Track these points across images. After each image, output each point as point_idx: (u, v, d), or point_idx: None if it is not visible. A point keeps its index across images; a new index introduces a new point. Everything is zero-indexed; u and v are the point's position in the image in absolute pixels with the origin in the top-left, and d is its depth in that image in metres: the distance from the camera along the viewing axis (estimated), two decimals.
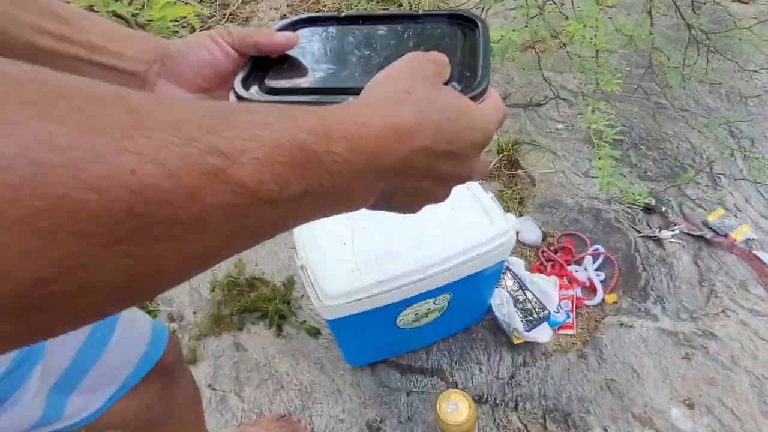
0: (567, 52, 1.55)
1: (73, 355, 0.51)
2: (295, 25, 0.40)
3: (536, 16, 1.42)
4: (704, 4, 1.90)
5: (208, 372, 1.13)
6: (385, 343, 1.02)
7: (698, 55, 1.60)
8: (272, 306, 1.21)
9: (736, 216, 1.23)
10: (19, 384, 0.44)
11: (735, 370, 0.98)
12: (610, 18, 2.10)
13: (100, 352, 0.53)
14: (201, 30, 2.19)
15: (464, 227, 0.86)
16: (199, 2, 2.44)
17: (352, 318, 0.83)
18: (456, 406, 0.76)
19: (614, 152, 1.10)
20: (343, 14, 0.40)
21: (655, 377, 0.99)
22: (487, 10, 1.54)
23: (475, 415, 0.80)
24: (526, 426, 0.95)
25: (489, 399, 1.00)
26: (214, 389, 1.10)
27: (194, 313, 1.25)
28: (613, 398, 0.97)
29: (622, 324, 1.09)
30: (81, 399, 0.52)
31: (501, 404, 0.99)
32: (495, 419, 0.97)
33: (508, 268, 1.18)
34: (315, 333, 1.15)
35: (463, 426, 0.76)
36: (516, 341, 1.07)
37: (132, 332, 0.58)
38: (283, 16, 2.47)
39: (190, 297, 1.29)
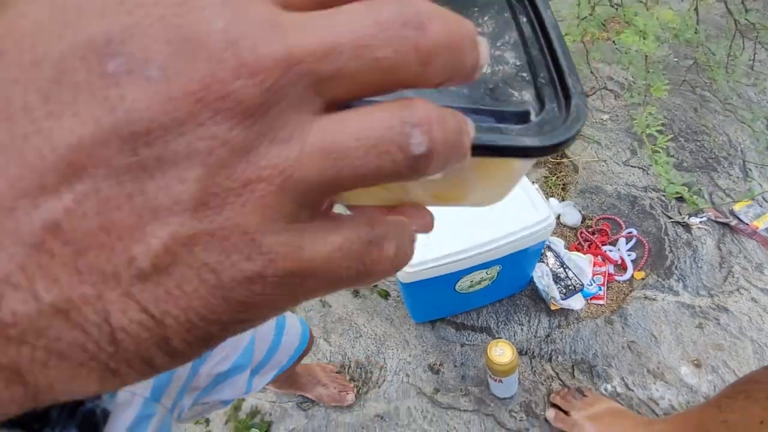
0: (616, 47, 1.67)
1: (266, 349, 0.77)
2: None
3: (587, 17, 1.55)
4: None
5: None
6: (444, 304, 1.28)
7: (744, 48, 1.68)
8: None
9: (761, 205, 1.37)
10: (239, 372, 0.70)
11: (741, 339, 1.17)
12: (665, 2, 2.16)
13: (278, 345, 0.80)
14: None
15: (512, 213, 1.08)
16: None
17: (422, 282, 1.08)
18: (502, 351, 1.01)
19: (662, 145, 1.27)
20: None
21: (670, 341, 1.19)
22: None
23: (517, 359, 1.04)
24: (557, 374, 1.19)
25: (528, 352, 1.24)
26: None
27: None
28: (632, 356, 1.18)
29: (646, 297, 1.28)
30: (260, 379, 0.77)
31: (537, 356, 1.22)
32: (532, 367, 1.21)
33: (549, 247, 1.38)
34: (385, 295, 1.42)
35: (507, 366, 1.00)
36: (553, 308, 1.29)
37: (293, 328, 0.84)
38: None
39: None
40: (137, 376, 0.11)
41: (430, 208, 0.20)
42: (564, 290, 1.29)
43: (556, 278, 1.32)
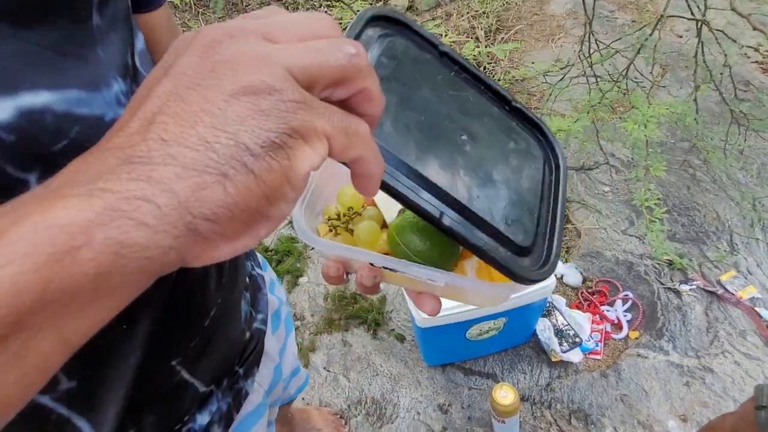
0: (623, 128, 1.88)
1: (290, 372, 0.85)
2: (372, 23, 0.30)
3: (597, 103, 1.77)
4: (746, 89, 2.16)
5: (323, 359, 1.57)
6: (455, 349, 1.42)
7: (738, 134, 1.88)
8: (370, 315, 1.64)
9: (746, 278, 1.52)
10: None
11: (725, 398, 1.28)
12: (662, 87, 2.39)
13: (298, 371, 0.89)
14: None
15: None
16: None
17: (436, 328, 1.24)
18: (506, 393, 1.14)
19: (658, 216, 1.44)
20: (444, 48, 0.34)
21: (659, 396, 1.31)
22: (556, 96, 1.92)
23: (519, 403, 1.17)
24: (555, 420, 1.31)
25: (529, 398, 1.36)
26: (328, 371, 1.54)
27: (312, 315, 1.71)
28: (624, 408, 1.30)
29: (639, 355, 1.41)
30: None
31: (538, 403, 1.35)
32: (533, 412, 1.33)
33: (552, 304, 1.53)
34: (401, 338, 1.57)
35: (510, 407, 1.13)
36: (554, 359, 1.43)
37: (303, 372, 0.93)
38: None
39: (308, 303, 1.75)
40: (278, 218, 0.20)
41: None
42: (564, 344, 1.43)
43: (558, 333, 1.46)
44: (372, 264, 0.37)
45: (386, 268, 0.37)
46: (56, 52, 0.31)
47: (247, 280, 0.60)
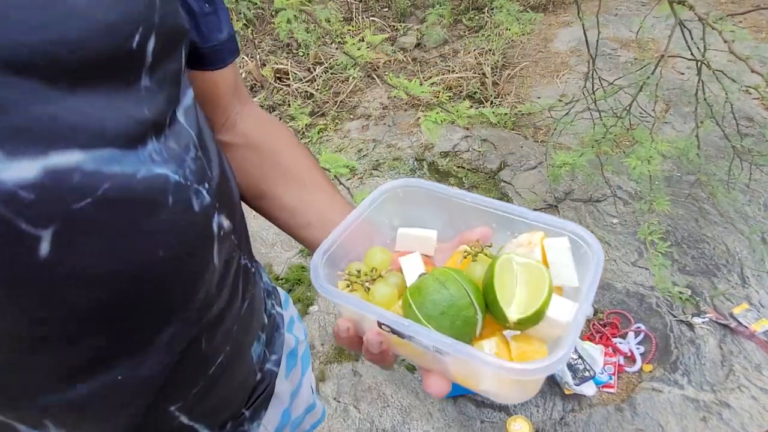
0: (627, 163, 1.91)
1: (304, 408, 0.81)
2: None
3: (602, 138, 1.81)
4: (750, 125, 2.20)
5: (333, 389, 1.56)
6: None
7: (742, 169, 1.91)
8: None
9: (758, 311, 1.51)
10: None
11: None
12: (666, 123, 2.44)
13: (314, 407, 0.84)
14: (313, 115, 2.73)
15: None
16: (316, 90, 3.08)
17: None
18: (521, 426, 1.13)
19: (661, 250, 1.45)
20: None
21: None
22: (561, 131, 1.97)
23: None
24: None
25: None
26: (338, 401, 1.52)
27: (322, 344, 1.71)
28: None
29: (654, 389, 1.39)
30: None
31: None
32: None
33: None
34: (412, 369, 1.56)
35: None
36: (567, 392, 1.41)
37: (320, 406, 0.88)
38: (384, 107, 3.02)
39: (319, 332, 1.75)
40: None
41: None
42: (577, 374, 1.41)
43: (570, 365, 1.45)
44: (379, 325, 0.37)
45: (393, 331, 0.37)
46: (100, 113, 0.32)
47: (266, 319, 0.60)
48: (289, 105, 2.86)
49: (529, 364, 0.34)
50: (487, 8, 3.31)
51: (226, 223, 0.45)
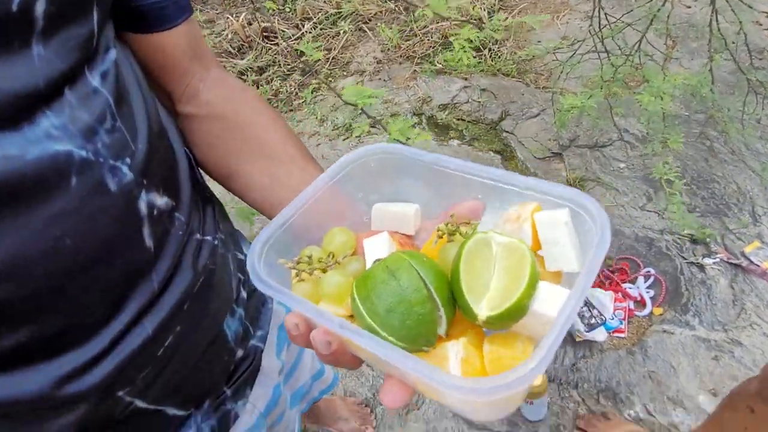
0: (638, 102, 1.84)
1: (310, 376, 0.81)
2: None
3: (610, 78, 1.73)
4: (761, 57, 2.11)
5: None
6: None
7: (756, 103, 1.83)
8: None
9: None
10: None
11: (754, 371, 1.26)
12: (674, 59, 2.35)
13: (322, 374, 0.84)
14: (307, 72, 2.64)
15: None
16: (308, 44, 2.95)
17: None
18: None
19: (678, 189, 1.41)
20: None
21: (688, 372, 1.29)
22: (567, 74, 1.89)
23: (546, 383, 1.16)
24: (583, 399, 1.30)
25: (556, 379, 1.35)
26: None
27: None
28: (652, 384, 1.29)
29: (665, 331, 1.39)
30: (298, 408, 0.80)
31: (565, 383, 1.34)
32: (560, 393, 1.32)
33: None
34: None
35: (538, 388, 1.12)
36: (578, 339, 1.41)
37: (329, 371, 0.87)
38: (378, 62, 2.90)
39: None
40: None
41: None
42: (587, 321, 1.41)
43: (581, 312, 1.44)
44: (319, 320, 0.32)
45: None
46: None
47: (243, 294, 0.56)
48: (279, 65, 2.75)
49: (483, 381, 0.26)
50: None
51: (161, 201, 0.40)
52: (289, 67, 2.75)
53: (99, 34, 0.36)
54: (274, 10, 3.06)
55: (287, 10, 3.08)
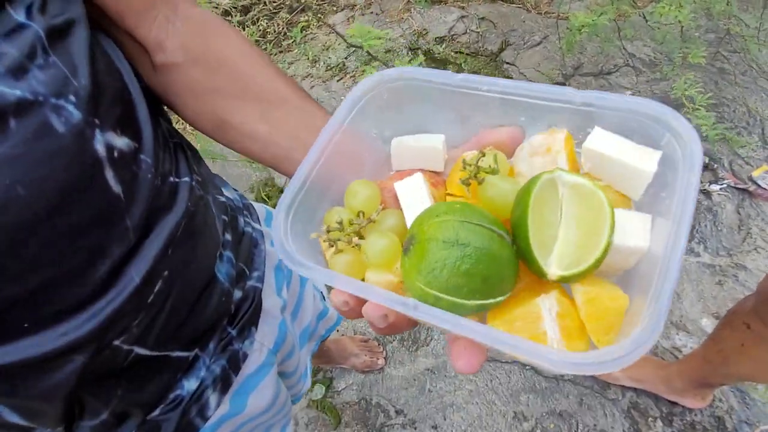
0: (648, 23, 1.73)
1: (317, 315, 0.81)
2: None
3: None
4: None
5: None
6: None
7: None
8: None
9: None
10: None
11: None
12: None
13: (326, 314, 0.84)
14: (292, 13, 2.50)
15: None
16: None
17: None
18: None
19: (702, 104, 1.36)
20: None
21: (692, 297, 1.31)
22: None
23: None
24: None
25: None
26: None
27: None
28: None
29: None
30: (307, 347, 0.80)
31: None
32: None
33: None
34: None
35: None
36: None
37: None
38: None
39: None
40: None
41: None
42: None
43: None
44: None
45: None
46: None
47: (230, 236, 0.55)
48: (265, 3, 2.60)
49: (598, 354, 0.23)
50: None
51: (120, 142, 0.37)
52: (276, 4, 2.59)
53: None
54: None
55: None
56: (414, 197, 0.33)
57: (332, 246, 0.33)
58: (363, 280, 0.32)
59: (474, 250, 0.27)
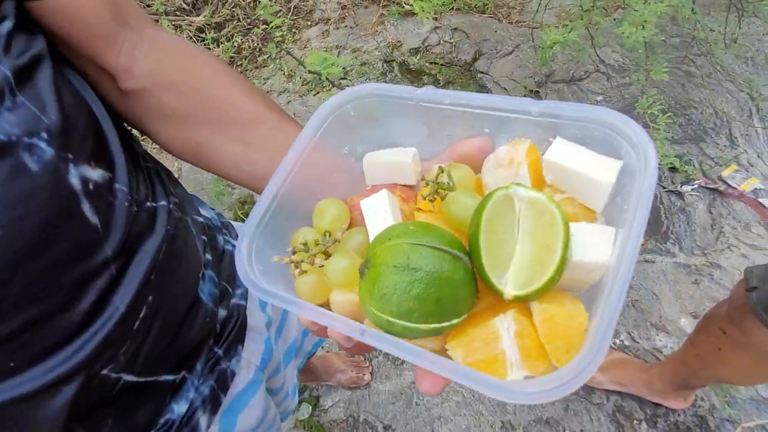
0: (620, 31, 1.77)
1: (301, 332, 0.80)
2: None
3: (591, 7, 1.65)
4: None
5: None
6: None
7: (738, 18, 1.79)
8: None
9: (747, 170, 1.50)
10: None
11: None
12: None
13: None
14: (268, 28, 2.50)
15: None
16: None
17: None
18: None
19: (662, 123, 1.39)
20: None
21: (669, 298, 1.33)
22: (546, 6, 1.80)
23: None
24: None
25: None
26: None
27: None
28: (636, 312, 1.33)
29: (646, 260, 1.42)
30: (293, 365, 0.80)
31: None
32: None
33: None
34: None
35: None
36: None
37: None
38: (343, 7, 2.75)
39: None
40: None
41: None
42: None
43: None
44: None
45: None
46: None
47: (210, 257, 0.55)
48: (239, 19, 2.59)
49: (539, 382, 0.24)
50: None
51: (95, 174, 0.37)
52: (249, 20, 2.59)
53: None
54: None
55: None
56: (378, 215, 0.33)
57: (297, 269, 0.33)
58: (328, 300, 0.33)
59: (425, 275, 0.27)
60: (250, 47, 2.49)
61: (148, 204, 0.44)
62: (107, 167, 0.39)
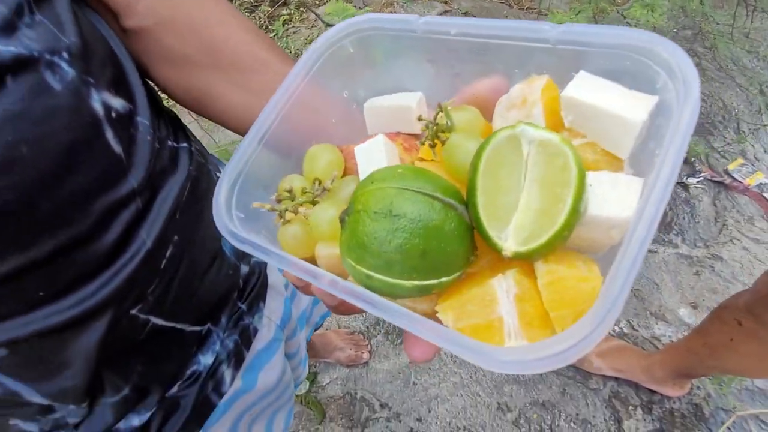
0: (626, 20, 1.76)
1: (311, 301, 0.81)
2: None
3: None
4: None
5: None
6: None
7: (747, 15, 1.77)
8: None
9: (753, 164, 1.50)
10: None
11: (734, 283, 1.31)
12: None
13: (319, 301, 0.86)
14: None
15: None
16: None
17: None
18: None
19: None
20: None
21: (670, 288, 1.34)
22: None
23: None
24: None
25: None
26: None
27: None
28: (636, 301, 1.33)
29: (648, 251, 1.42)
30: (306, 331, 0.82)
31: None
32: None
33: None
34: None
35: None
36: None
37: None
38: None
39: None
40: None
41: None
42: None
43: None
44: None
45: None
46: None
47: None
48: None
49: (531, 348, 0.20)
50: None
51: (117, 102, 0.36)
52: None
53: None
54: None
55: None
56: (372, 163, 0.29)
57: (281, 218, 0.30)
58: (313, 253, 0.30)
59: (409, 222, 0.23)
60: (256, 25, 2.45)
61: (170, 143, 0.44)
62: (128, 98, 0.39)
